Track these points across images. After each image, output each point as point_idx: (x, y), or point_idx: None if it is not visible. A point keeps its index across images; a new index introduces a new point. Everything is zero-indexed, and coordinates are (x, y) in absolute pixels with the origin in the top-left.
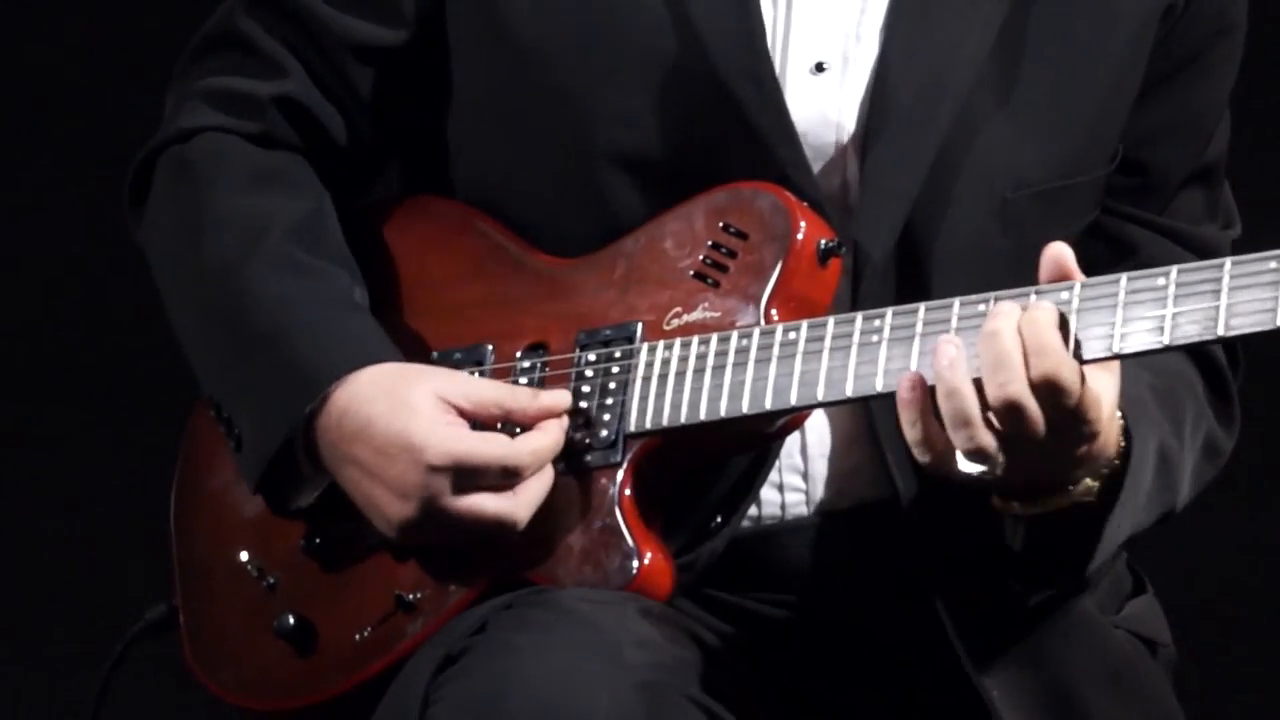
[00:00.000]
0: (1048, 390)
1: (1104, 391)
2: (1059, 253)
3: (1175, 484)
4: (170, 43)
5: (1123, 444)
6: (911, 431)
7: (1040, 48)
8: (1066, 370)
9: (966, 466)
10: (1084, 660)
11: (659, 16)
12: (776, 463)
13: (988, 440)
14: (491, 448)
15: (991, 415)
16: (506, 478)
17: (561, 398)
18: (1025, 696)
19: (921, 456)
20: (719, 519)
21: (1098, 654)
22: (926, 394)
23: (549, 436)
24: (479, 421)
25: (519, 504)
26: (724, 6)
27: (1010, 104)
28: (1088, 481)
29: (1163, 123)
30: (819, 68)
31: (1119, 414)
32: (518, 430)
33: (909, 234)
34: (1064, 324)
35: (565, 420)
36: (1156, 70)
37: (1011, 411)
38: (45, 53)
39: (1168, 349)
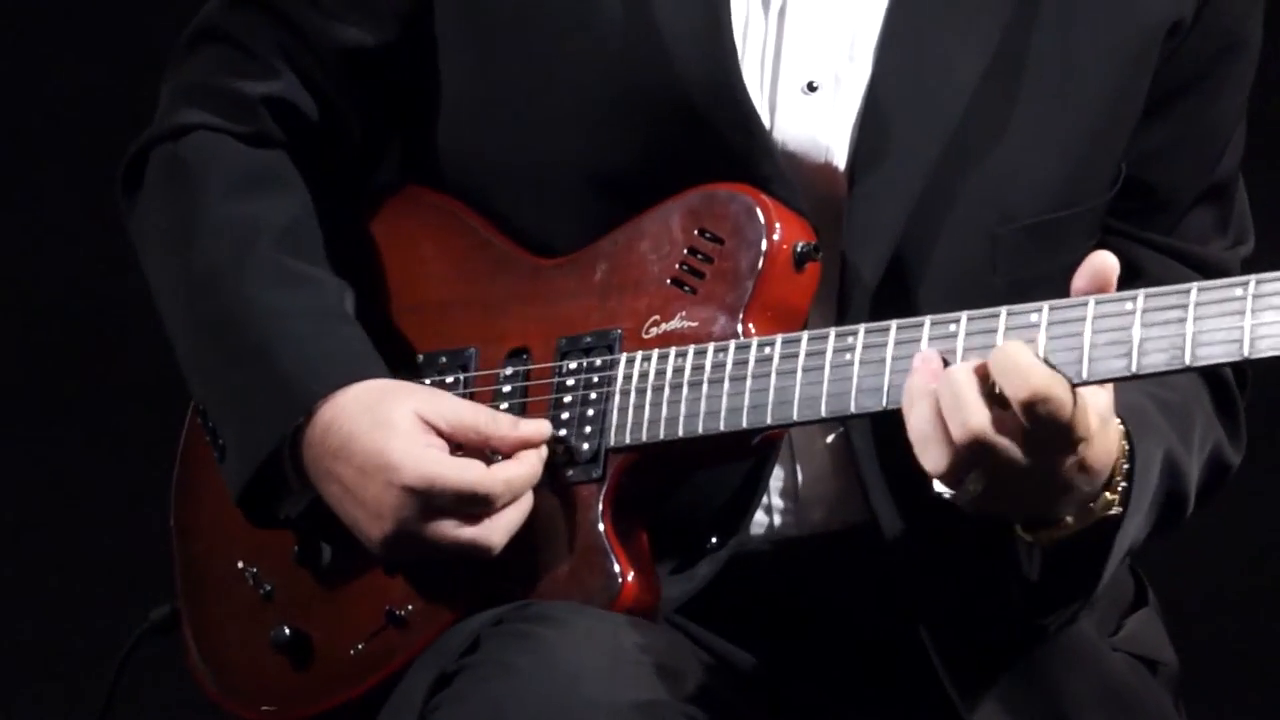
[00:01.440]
0: (1037, 407)
1: (1090, 400)
2: (1102, 263)
3: (1183, 496)
4: (162, 38)
5: (1126, 449)
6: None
7: (1037, 74)
8: (1057, 386)
9: (939, 487)
10: (1079, 689)
11: (630, 34)
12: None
13: (950, 462)
14: (464, 474)
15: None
16: (478, 505)
17: (541, 428)
18: None
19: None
20: (714, 540)
21: (1093, 681)
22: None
23: (525, 467)
24: (460, 445)
25: (492, 531)
26: (695, 26)
27: (1003, 134)
28: (1106, 496)
29: (1169, 142)
30: (810, 87)
31: (1118, 421)
32: (497, 457)
33: (897, 266)
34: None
35: (544, 451)
36: (1162, 89)
37: (978, 446)
38: (36, 48)
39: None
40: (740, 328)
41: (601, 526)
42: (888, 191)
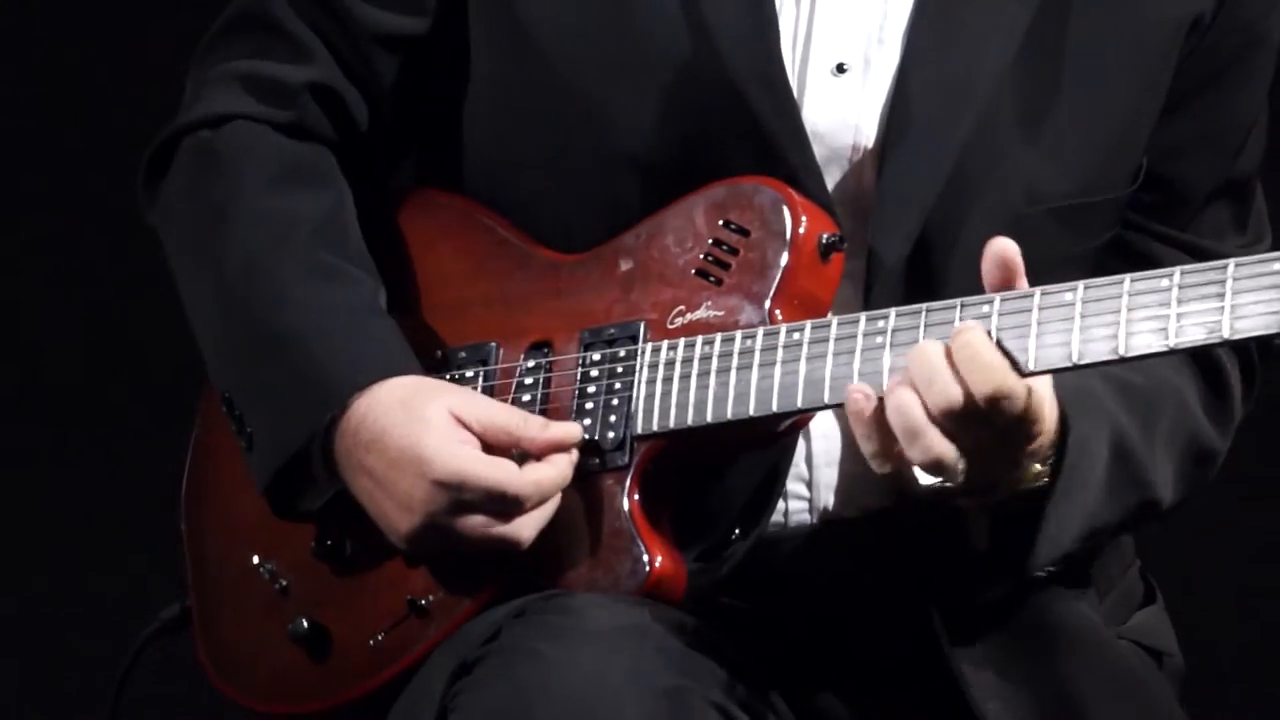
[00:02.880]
0: (996, 403)
1: (1044, 391)
2: (1003, 249)
3: (1144, 481)
4: (171, 38)
5: (1058, 424)
6: (866, 444)
7: (1065, 62)
8: (1011, 380)
9: (926, 479)
10: (1085, 672)
11: (672, 18)
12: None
13: (943, 448)
14: (496, 472)
15: (939, 425)
16: (507, 504)
17: (571, 431)
18: (1024, 711)
19: (880, 468)
20: (738, 531)
21: (1099, 665)
22: (877, 405)
23: (556, 469)
24: (490, 445)
25: (520, 528)
26: (738, 9)
27: (1031, 118)
28: (1036, 467)
29: (1188, 137)
30: (840, 69)
31: (1057, 402)
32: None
33: (923, 244)
34: (999, 344)
35: (575, 454)
36: (1183, 84)
37: (955, 417)
38: (46, 49)
39: (1124, 359)
40: (767, 316)
41: (628, 512)
42: (916, 173)
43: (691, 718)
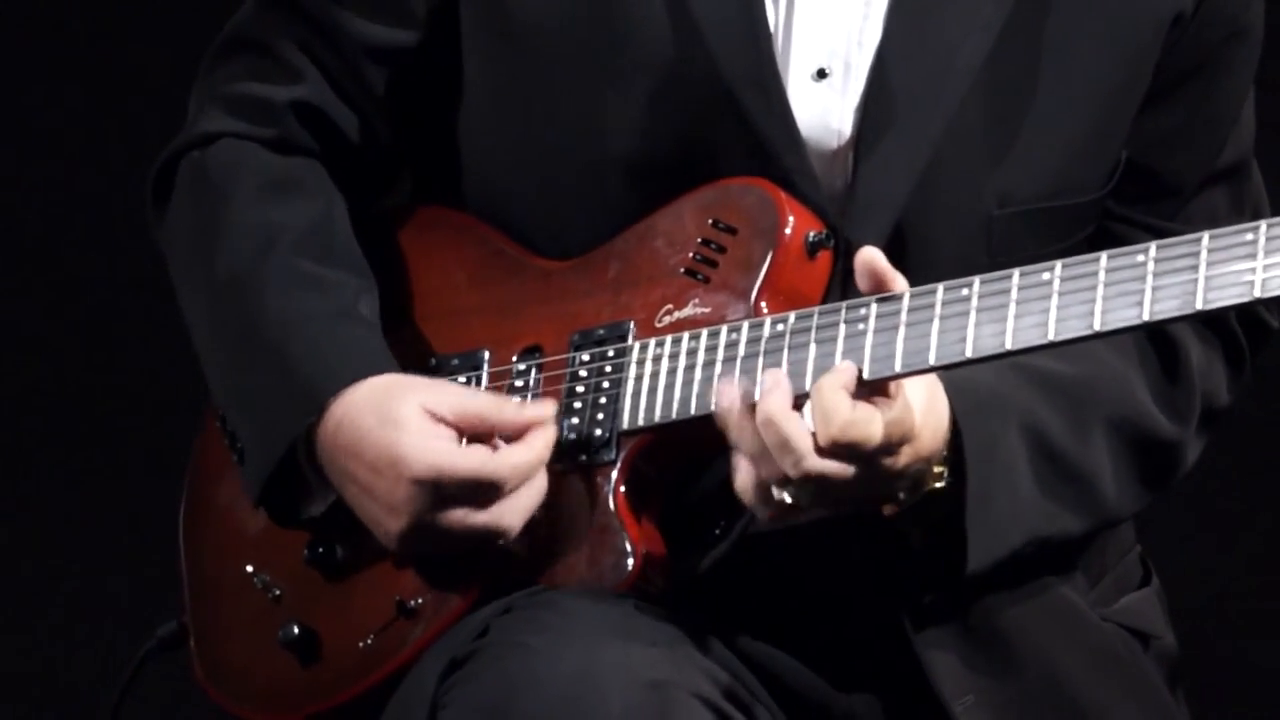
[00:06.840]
0: (847, 447)
1: (915, 398)
2: (871, 258)
3: (1081, 475)
4: (183, 46)
5: (951, 426)
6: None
7: (1040, 62)
8: (858, 427)
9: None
10: (1062, 656)
11: (664, 22)
12: None
13: (782, 504)
14: (470, 460)
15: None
16: (487, 490)
17: (545, 409)
18: (1000, 702)
19: None
20: (722, 523)
21: (1076, 649)
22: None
23: (531, 450)
24: (467, 434)
25: (506, 513)
26: (729, 13)
27: (1003, 119)
28: (934, 470)
29: (1172, 129)
30: (821, 74)
31: (948, 403)
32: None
33: (897, 241)
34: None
35: (552, 431)
36: (1165, 76)
37: (810, 482)
38: (57, 59)
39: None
40: (752, 310)
41: (614, 506)
42: (890, 170)
43: (677, 710)
